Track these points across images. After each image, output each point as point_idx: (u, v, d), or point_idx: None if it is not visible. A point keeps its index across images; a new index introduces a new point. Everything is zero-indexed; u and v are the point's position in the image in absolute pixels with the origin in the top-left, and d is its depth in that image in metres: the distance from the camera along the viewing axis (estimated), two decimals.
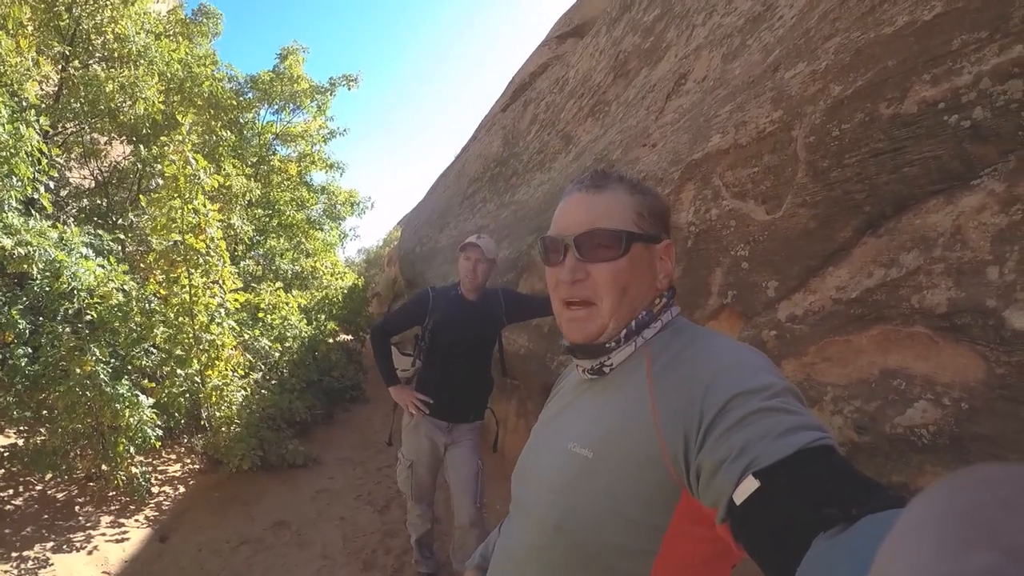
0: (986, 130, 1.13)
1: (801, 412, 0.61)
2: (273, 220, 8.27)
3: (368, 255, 23.49)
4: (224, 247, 4.17)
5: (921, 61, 1.27)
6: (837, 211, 1.57)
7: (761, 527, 0.54)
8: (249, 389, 4.41)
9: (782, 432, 0.57)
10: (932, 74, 1.24)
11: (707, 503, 0.62)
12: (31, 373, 3.60)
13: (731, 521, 0.57)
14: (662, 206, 0.86)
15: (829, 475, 0.53)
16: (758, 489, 0.54)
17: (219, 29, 9.95)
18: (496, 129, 7.43)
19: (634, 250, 0.80)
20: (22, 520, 3.37)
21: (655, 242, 0.83)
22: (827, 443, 0.56)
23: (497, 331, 2.84)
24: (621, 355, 0.82)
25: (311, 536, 3.46)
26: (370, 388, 7.13)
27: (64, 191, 6.33)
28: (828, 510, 0.49)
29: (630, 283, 0.80)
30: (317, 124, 9.41)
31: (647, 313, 0.82)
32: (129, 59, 6.07)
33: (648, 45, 3.54)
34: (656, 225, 0.84)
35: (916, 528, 0.25)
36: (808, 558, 0.47)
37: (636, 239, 0.80)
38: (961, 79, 1.17)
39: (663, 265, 0.84)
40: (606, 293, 0.80)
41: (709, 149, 2.23)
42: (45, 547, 3.15)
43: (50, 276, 3.67)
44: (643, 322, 0.81)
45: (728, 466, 0.58)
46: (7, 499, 3.54)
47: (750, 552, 0.56)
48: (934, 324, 1.21)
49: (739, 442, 0.58)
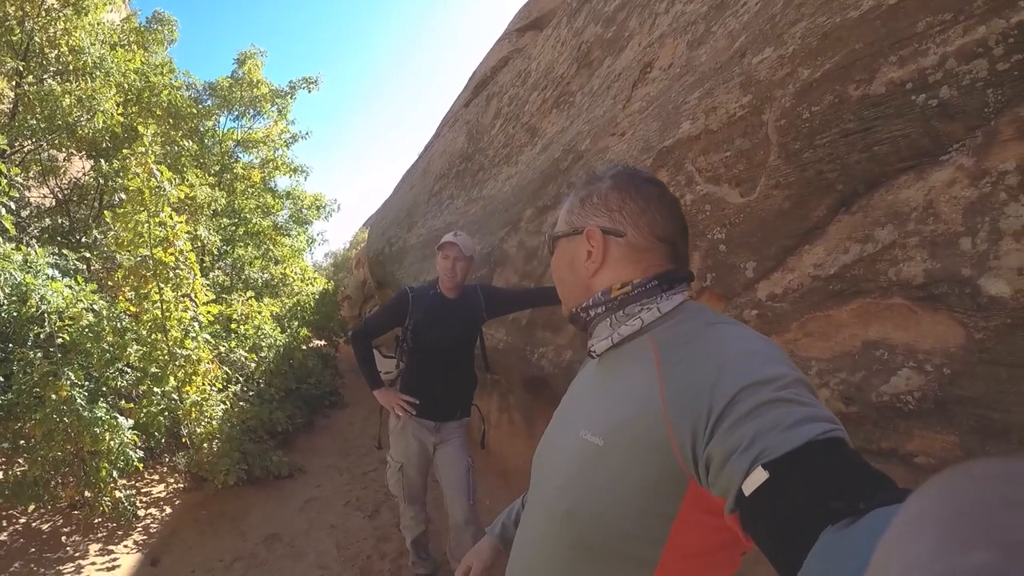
0: (953, 108, 1.19)
1: (812, 403, 0.61)
2: (239, 228, 8.11)
3: (336, 259, 23.17)
4: (194, 259, 4.05)
5: (888, 43, 1.32)
6: (810, 191, 1.62)
7: (769, 518, 0.55)
8: (228, 402, 4.32)
9: (792, 423, 0.57)
10: (899, 56, 1.29)
11: (716, 493, 0.62)
12: (4, 402, 3.48)
13: (740, 512, 0.58)
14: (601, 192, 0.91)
15: (838, 468, 0.54)
16: (767, 480, 0.55)
17: (175, 35, 9.67)
18: (460, 125, 7.40)
19: (559, 247, 0.96)
20: (8, 556, 3.27)
21: (576, 233, 0.91)
22: (837, 435, 0.57)
23: (478, 327, 2.84)
24: (601, 344, 0.87)
25: (304, 547, 3.43)
26: (348, 392, 7.07)
27: (25, 211, 6.11)
28: (836, 503, 0.49)
29: (561, 274, 0.96)
30: (279, 129, 9.28)
31: (603, 293, 0.87)
32: (85, 71, 5.87)
33: (611, 35, 3.57)
34: (583, 215, 0.92)
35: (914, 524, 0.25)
36: (814, 551, 0.48)
37: (557, 237, 0.96)
38: (927, 60, 1.22)
39: (594, 251, 0.88)
40: (555, 282, 1.00)
41: (680, 135, 2.26)
42: None
43: (17, 300, 3.54)
44: (597, 301, 0.88)
45: (737, 457, 0.59)
46: None
47: (758, 543, 0.57)
48: (912, 295, 1.26)
49: (749, 433, 0.59)
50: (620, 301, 0.85)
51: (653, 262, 0.86)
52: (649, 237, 0.87)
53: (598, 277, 0.88)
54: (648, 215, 0.87)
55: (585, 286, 0.90)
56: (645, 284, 0.84)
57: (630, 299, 0.84)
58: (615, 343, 0.85)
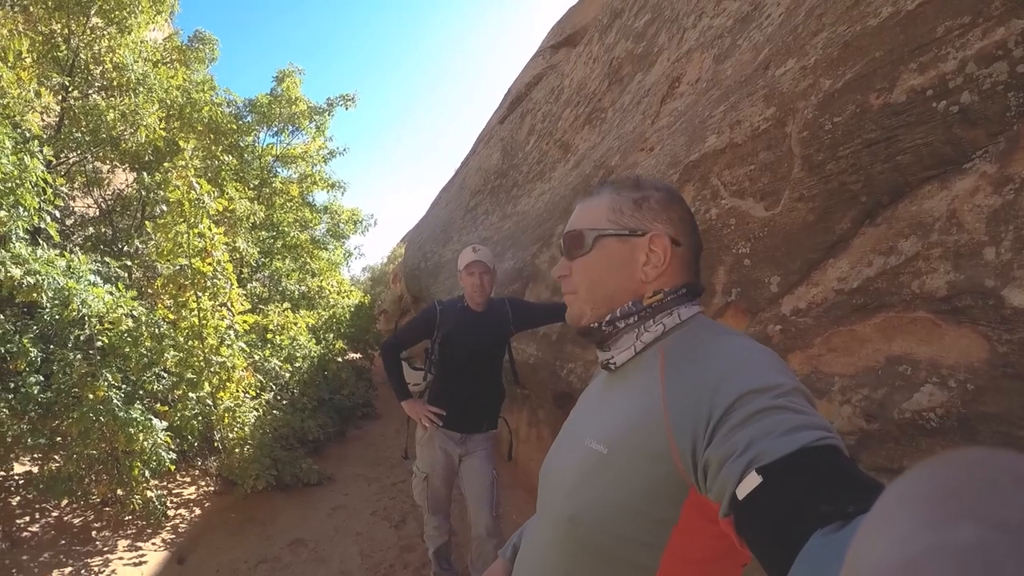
0: (974, 114, 1.15)
1: (808, 412, 0.62)
2: (277, 241, 8.32)
3: (373, 273, 23.60)
4: (231, 269, 4.21)
5: (907, 50, 1.29)
6: (834, 203, 1.59)
7: (761, 522, 0.55)
8: (261, 410, 4.43)
9: (787, 430, 0.58)
10: (919, 62, 1.26)
11: (713, 498, 0.63)
12: (44, 400, 3.64)
13: (734, 516, 0.59)
14: (661, 200, 0.89)
15: (829, 473, 0.54)
16: (760, 485, 0.55)
17: (215, 54, 10.07)
18: (495, 141, 7.49)
19: (603, 245, 0.88)
20: (39, 547, 3.39)
21: (634, 235, 0.87)
22: (831, 443, 0.57)
23: (506, 340, 2.87)
24: (623, 354, 0.87)
25: (328, 553, 3.46)
26: (381, 404, 7.16)
27: (70, 220, 6.37)
28: (825, 507, 0.50)
29: (601, 275, 0.88)
30: (316, 145, 9.46)
31: (633, 304, 0.86)
32: (128, 87, 6.13)
33: (640, 50, 3.58)
34: (643, 219, 0.88)
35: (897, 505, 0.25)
36: (802, 555, 0.48)
37: (604, 235, 0.88)
38: (947, 65, 1.19)
39: (653, 256, 0.86)
40: (580, 284, 0.91)
41: (706, 150, 2.25)
42: (63, 573, 3.17)
43: (59, 304, 3.70)
44: (628, 311, 0.86)
45: (733, 462, 0.59)
46: (24, 526, 3.58)
47: (751, 547, 0.57)
48: (935, 308, 1.22)
49: (745, 438, 0.60)
50: (652, 310, 0.86)
51: (684, 273, 0.89)
52: (690, 251, 0.89)
53: (651, 285, 0.88)
54: (690, 229, 0.90)
55: (632, 291, 0.88)
56: (676, 292, 0.86)
57: (663, 307, 0.86)
58: (637, 351, 0.86)
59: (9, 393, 3.66)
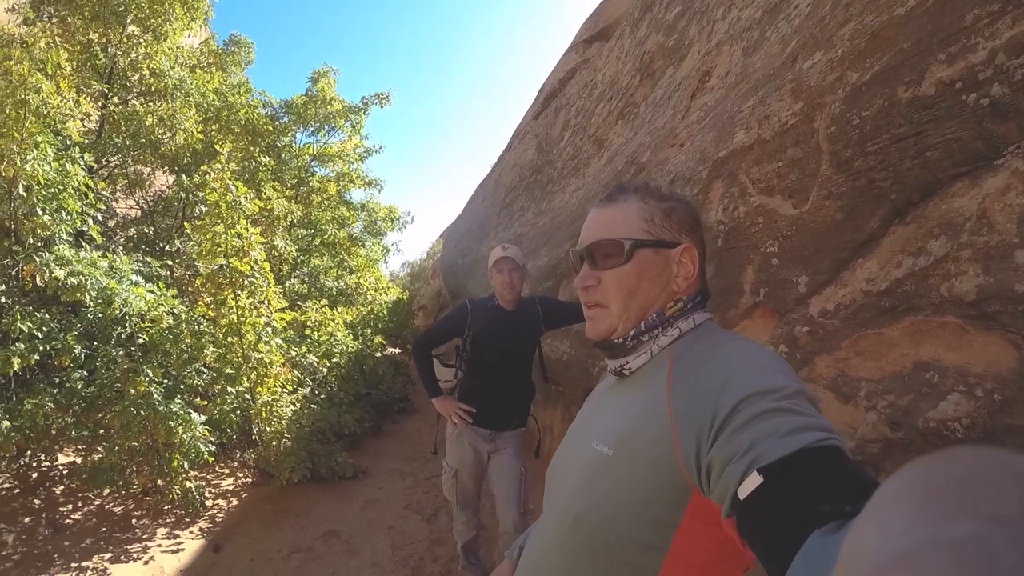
0: (1005, 107, 1.09)
1: (810, 413, 0.62)
2: (315, 239, 8.47)
3: (413, 268, 23.93)
4: (268, 268, 4.34)
5: (935, 40, 1.23)
6: (863, 201, 1.53)
7: (762, 522, 0.56)
8: (298, 404, 4.56)
9: (788, 431, 0.59)
10: (947, 53, 1.20)
11: (715, 499, 0.64)
12: (87, 395, 3.81)
13: (736, 516, 0.59)
14: (683, 211, 0.90)
15: (829, 474, 0.54)
16: (761, 485, 0.56)
17: (251, 57, 10.29)
18: (529, 137, 7.48)
19: (640, 256, 0.86)
20: (81, 533, 3.56)
21: (668, 247, 0.87)
22: (833, 443, 0.57)
23: (536, 338, 2.88)
24: (639, 360, 0.87)
25: (360, 545, 3.55)
26: (418, 399, 7.26)
27: (112, 221, 6.62)
28: (824, 507, 0.50)
29: (637, 287, 0.86)
30: (353, 143, 9.56)
31: (657, 316, 0.86)
32: (166, 92, 6.33)
33: (671, 43, 3.51)
34: (672, 230, 0.88)
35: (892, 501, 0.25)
36: (800, 554, 0.48)
37: (641, 245, 0.86)
38: (976, 56, 1.13)
39: (682, 268, 0.87)
40: (614, 297, 0.87)
41: (734, 146, 2.19)
42: (103, 558, 3.32)
43: (102, 303, 3.86)
44: (652, 323, 0.85)
45: (735, 463, 0.60)
46: (67, 514, 3.76)
47: (752, 547, 0.58)
48: (964, 313, 1.16)
49: (747, 440, 0.61)
50: (673, 319, 0.86)
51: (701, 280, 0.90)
52: (704, 258, 0.91)
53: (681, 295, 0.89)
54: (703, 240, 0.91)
55: (660, 303, 0.87)
56: (694, 300, 0.87)
57: (683, 313, 0.87)
58: (653, 355, 0.86)
59: (55, 388, 3.86)
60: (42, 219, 3.71)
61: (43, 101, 3.73)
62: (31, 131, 3.61)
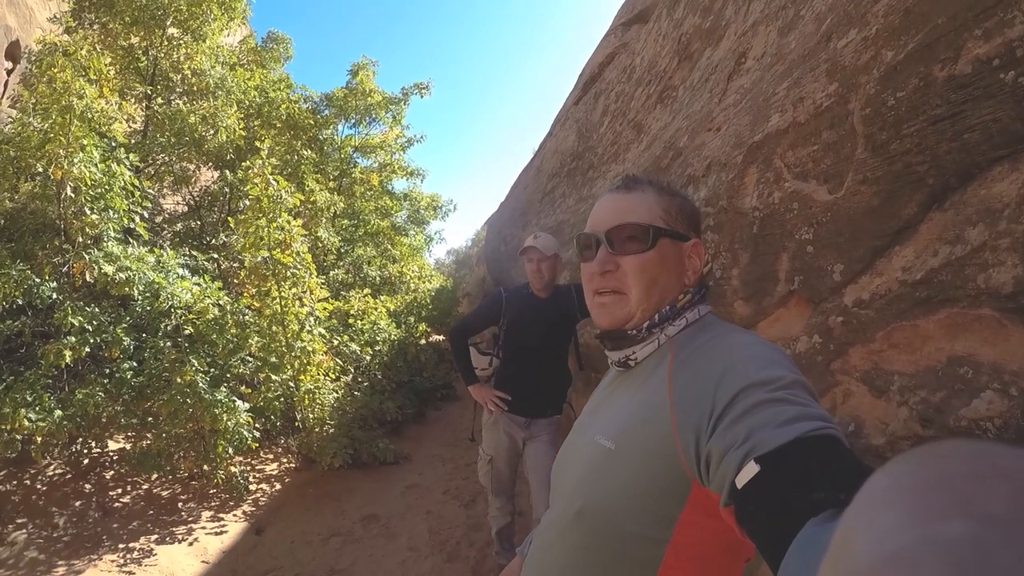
0: None
1: (807, 403, 0.63)
2: (359, 229, 8.60)
3: (458, 256, 24.13)
4: (310, 260, 4.44)
5: (971, 15, 1.15)
6: (900, 186, 1.46)
7: (759, 511, 0.57)
8: (340, 391, 4.68)
9: (784, 421, 0.59)
10: (983, 28, 1.12)
11: (714, 489, 0.65)
12: (136, 384, 3.97)
13: (734, 505, 0.60)
14: (691, 208, 0.93)
15: (825, 462, 0.55)
16: (757, 474, 0.57)
17: (290, 53, 10.47)
18: (570, 123, 7.39)
19: (662, 244, 0.87)
20: (129, 516, 3.74)
21: (683, 240, 0.89)
22: (829, 432, 0.58)
23: (571, 326, 2.86)
24: (645, 350, 0.88)
25: (398, 529, 3.64)
26: (460, 386, 7.34)
27: (159, 218, 6.86)
28: (818, 495, 0.51)
29: (658, 275, 0.87)
30: (394, 134, 9.60)
31: (670, 308, 0.87)
32: (207, 91, 6.51)
33: (708, 25, 3.40)
34: (684, 224, 0.90)
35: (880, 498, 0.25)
36: (795, 542, 0.49)
37: (664, 234, 0.87)
38: (1014, 30, 1.05)
39: (691, 262, 0.89)
40: (635, 283, 0.86)
41: (769, 130, 2.12)
42: (150, 539, 3.48)
43: (150, 297, 4.03)
44: (665, 316, 0.87)
45: (732, 452, 0.61)
46: (116, 497, 3.95)
47: (750, 536, 0.58)
48: (1001, 305, 1.10)
49: (744, 430, 0.62)
50: (681, 310, 0.88)
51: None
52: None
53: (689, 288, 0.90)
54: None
55: (673, 296, 0.89)
56: (700, 292, 0.90)
57: (691, 304, 0.89)
58: (660, 344, 0.87)
59: (105, 378, 4.06)
60: (90, 218, 3.88)
61: (87, 106, 3.91)
62: (77, 135, 3.78)
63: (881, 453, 1.38)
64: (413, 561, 3.25)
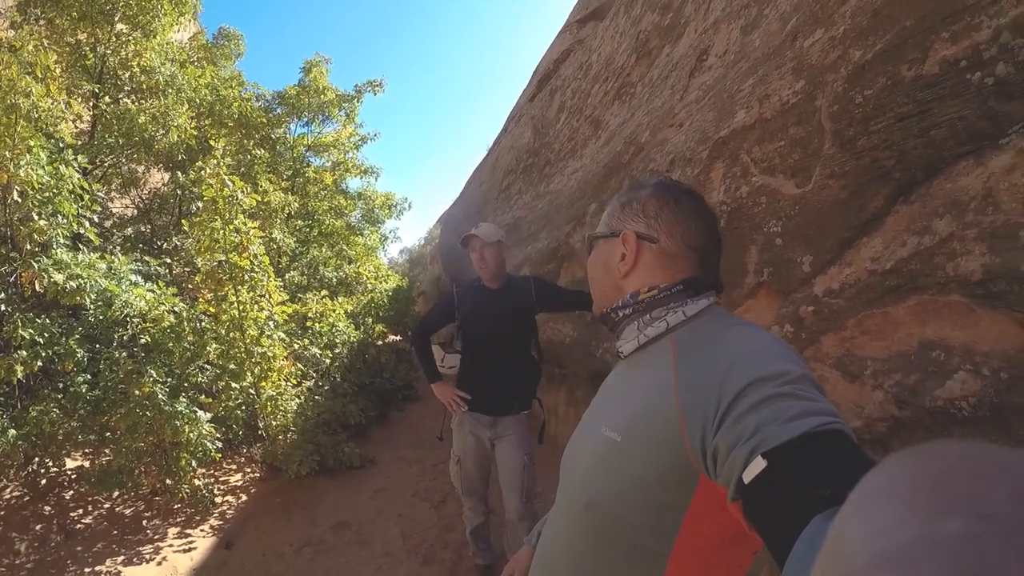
0: (1011, 86, 1.08)
1: (814, 398, 0.63)
2: (313, 230, 8.43)
3: (411, 255, 23.89)
4: (267, 262, 4.31)
5: (939, 18, 1.22)
6: (867, 180, 1.52)
7: (766, 506, 0.57)
8: (303, 397, 4.56)
9: (792, 416, 0.59)
10: (951, 31, 1.19)
11: (721, 483, 0.65)
12: (92, 398, 3.78)
13: (741, 500, 0.60)
14: (641, 199, 0.95)
15: (832, 457, 0.55)
16: (765, 469, 0.57)
17: (241, 49, 10.17)
18: (525, 120, 7.42)
19: (598, 247, 0.99)
20: (93, 537, 3.55)
21: (614, 236, 0.94)
22: (836, 427, 0.58)
23: (530, 317, 2.75)
24: (628, 344, 0.91)
25: (371, 535, 3.57)
26: (422, 386, 7.28)
27: (108, 222, 6.55)
28: (824, 491, 0.51)
29: (596, 272, 1.00)
30: (347, 132, 9.46)
31: (632, 296, 0.90)
32: (157, 90, 6.24)
33: (667, 22, 3.47)
34: (621, 219, 0.95)
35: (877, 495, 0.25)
36: (801, 538, 0.49)
37: (596, 238, 1.00)
38: (980, 34, 1.12)
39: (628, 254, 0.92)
40: (590, 280, 1.03)
41: (735, 125, 2.18)
42: (116, 561, 3.30)
43: (103, 305, 3.84)
44: (626, 303, 0.91)
45: (740, 447, 0.61)
46: (78, 518, 3.74)
47: (758, 531, 0.59)
48: (970, 292, 1.17)
49: (751, 425, 0.61)
50: (647, 304, 0.89)
51: (682, 269, 0.90)
52: (680, 245, 0.90)
53: (629, 279, 0.92)
54: (683, 225, 0.90)
55: (616, 286, 0.94)
56: (671, 288, 0.88)
57: (656, 302, 0.88)
58: (641, 344, 0.89)
59: (59, 393, 3.84)
60: (38, 224, 3.64)
61: (34, 105, 3.67)
62: (23, 136, 3.54)
63: (860, 435, 1.45)
64: (389, 567, 3.20)
